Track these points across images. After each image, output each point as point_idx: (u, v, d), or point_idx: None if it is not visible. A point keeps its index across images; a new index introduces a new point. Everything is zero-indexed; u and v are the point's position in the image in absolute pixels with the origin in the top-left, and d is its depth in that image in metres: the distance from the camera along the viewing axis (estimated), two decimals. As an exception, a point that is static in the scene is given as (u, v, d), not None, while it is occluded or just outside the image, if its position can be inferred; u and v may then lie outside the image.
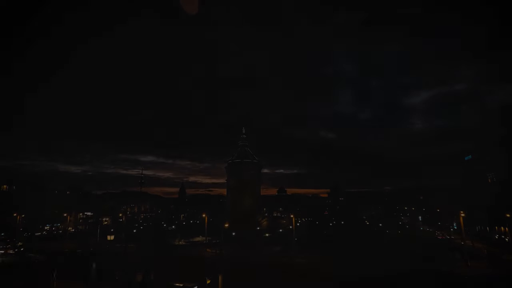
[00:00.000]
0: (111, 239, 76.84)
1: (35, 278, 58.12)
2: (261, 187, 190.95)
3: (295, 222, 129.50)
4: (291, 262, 79.93)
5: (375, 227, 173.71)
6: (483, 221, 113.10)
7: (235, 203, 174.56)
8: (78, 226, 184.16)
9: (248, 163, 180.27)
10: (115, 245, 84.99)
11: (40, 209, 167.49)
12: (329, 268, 66.69)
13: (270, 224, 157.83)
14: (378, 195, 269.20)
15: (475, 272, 65.84)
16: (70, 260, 74.46)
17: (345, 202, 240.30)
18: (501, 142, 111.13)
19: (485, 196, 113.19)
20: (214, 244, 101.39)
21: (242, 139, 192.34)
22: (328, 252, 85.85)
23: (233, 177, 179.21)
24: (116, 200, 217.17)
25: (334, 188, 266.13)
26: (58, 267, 57.43)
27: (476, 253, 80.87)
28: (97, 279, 55.13)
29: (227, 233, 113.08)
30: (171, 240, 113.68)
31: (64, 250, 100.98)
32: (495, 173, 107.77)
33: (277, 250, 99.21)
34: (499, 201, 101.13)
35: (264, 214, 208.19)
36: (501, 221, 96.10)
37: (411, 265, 70.40)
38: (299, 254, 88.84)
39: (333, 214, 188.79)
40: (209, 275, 53.81)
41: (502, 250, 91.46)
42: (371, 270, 63.11)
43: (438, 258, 77.44)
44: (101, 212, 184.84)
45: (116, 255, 44.16)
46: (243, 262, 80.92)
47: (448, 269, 68.50)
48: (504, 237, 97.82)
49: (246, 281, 60.30)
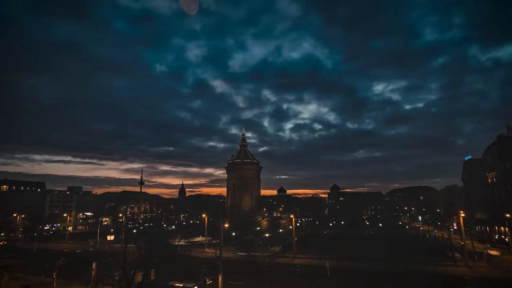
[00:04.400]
0: (111, 239, 76.95)
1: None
2: (260, 187, 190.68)
3: (295, 222, 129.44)
4: (291, 262, 79.99)
5: (375, 227, 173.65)
6: (483, 221, 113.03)
7: (235, 203, 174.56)
8: (77, 226, 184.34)
9: (248, 163, 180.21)
10: (115, 245, 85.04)
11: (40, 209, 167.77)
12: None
13: (270, 224, 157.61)
14: (378, 195, 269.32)
15: (475, 272, 65.83)
16: (70, 260, 74.51)
17: (345, 202, 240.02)
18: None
19: (485, 196, 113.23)
20: (214, 244, 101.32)
21: (242, 140, 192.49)
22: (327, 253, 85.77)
23: (233, 177, 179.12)
24: (116, 200, 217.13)
25: (334, 188, 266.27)
26: (58, 267, 57.48)
27: (476, 253, 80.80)
28: (97, 279, 55.09)
29: (227, 233, 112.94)
30: (171, 240, 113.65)
31: (64, 250, 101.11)
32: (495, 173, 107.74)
33: (277, 250, 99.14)
34: (499, 201, 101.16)
35: (264, 214, 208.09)
36: (501, 221, 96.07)
37: (411, 265, 70.57)
38: (299, 254, 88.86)
39: (333, 214, 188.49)
40: (209, 275, 53.77)
41: (502, 250, 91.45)
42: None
43: (438, 258, 77.41)
44: (101, 212, 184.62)
45: (116, 255, 43.99)
46: (243, 262, 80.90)
47: (448, 269, 68.54)
48: (504, 237, 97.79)
49: (246, 281, 60.30)
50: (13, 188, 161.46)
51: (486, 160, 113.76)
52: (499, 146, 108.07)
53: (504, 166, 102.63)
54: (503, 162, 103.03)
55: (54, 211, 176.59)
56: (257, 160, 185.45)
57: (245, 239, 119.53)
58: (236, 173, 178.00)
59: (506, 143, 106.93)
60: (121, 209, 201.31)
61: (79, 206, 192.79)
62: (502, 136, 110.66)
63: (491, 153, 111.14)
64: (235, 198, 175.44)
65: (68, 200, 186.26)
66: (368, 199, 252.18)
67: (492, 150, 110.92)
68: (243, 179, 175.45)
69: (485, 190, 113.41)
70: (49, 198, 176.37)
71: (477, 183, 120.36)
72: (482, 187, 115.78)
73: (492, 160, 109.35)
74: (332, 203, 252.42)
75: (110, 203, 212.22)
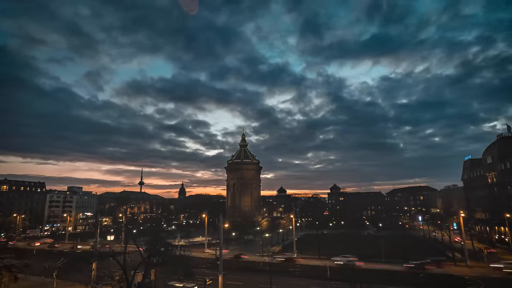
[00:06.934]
0: (111, 239, 77.00)
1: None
2: (260, 187, 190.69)
3: (295, 222, 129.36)
4: (291, 262, 79.99)
5: (375, 227, 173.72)
6: (483, 221, 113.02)
7: (235, 203, 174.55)
8: (77, 226, 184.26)
9: (248, 163, 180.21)
10: (115, 245, 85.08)
11: (40, 209, 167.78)
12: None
13: (270, 224, 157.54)
14: (378, 195, 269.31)
15: (475, 272, 65.85)
16: (70, 260, 74.46)
17: (345, 202, 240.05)
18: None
19: (485, 196, 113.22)
20: (214, 244, 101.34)
21: (242, 140, 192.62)
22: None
23: (233, 177, 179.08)
24: (116, 200, 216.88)
25: (334, 188, 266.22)
26: (58, 267, 57.54)
27: (476, 253, 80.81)
28: (97, 279, 55.08)
29: (227, 233, 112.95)
30: (171, 240, 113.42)
31: (64, 250, 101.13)
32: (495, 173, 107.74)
33: (277, 250, 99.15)
34: (499, 201, 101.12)
35: (264, 214, 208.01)
36: (501, 221, 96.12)
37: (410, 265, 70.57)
38: (299, 254, 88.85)
39: (333, 214, 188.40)
40: (209, 275, 53.81)
41: (502, 250, 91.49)
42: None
43: (438, 258, 77.39)
44: (101, 212, 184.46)
45: (116, 255, 43.99)
46: (243, 263, 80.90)
47: (448, 269, 68.56)
48: (504, 237, 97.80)
49: (246, 281, 60.31)
50: (13, 188, 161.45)
51: (486, 160, 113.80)
52: (499, 146, 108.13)
53: (504, 166, 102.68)
54: (503, 162, 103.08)
55: (54, 211, 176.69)
56: (257, 160, 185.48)
57: (245, 239, 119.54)
58: (236, 173, 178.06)
59: (506, 143, 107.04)
60: (121, 209, 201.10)
61: (79, 206, 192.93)
62: (502, 136, 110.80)
63: (491, 153, 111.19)
64: (235, 198, 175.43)
65: (68, 200, 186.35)
66: (368, 199, 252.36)
67: (492, 150, 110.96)
68: (243, 179, 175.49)
69: (485, 190, 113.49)
70: (49, 198, 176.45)
71: (477, 183, 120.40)
72: (482, 187, 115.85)
73: (492, 160, 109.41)
74: (332, 203, 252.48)
75: (110, 203, 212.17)
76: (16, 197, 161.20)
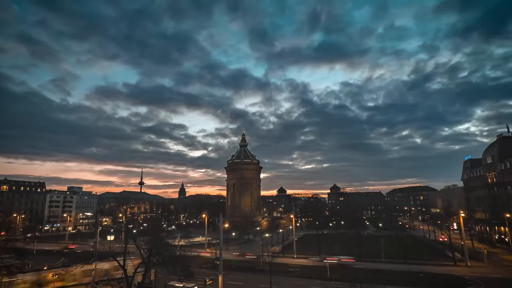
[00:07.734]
0: (111, 239, 76.84)
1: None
2: (260, 187, 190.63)
3: (295, 222, 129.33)
4: (291, 262, 79.89)
5: (375, 227, 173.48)
6: (483, 221, 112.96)
7: (235, 203, 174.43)
8: (77, 226, 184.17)
9: (248, 163, 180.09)
10: (115, 245, 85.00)
11: (40, 209, 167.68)
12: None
13: (270, 224, 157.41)
14: (378, 195, 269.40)
15: (475, 272, 65.82)
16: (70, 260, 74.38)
17: (345, 202, 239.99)
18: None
19: (485, 196, 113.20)
20: (214, 244, 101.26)
21: (242, 140, 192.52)
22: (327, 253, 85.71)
23: (233, 177, 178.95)
24: (116, 200, 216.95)
25: (334, 188, 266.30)
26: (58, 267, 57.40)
27: (476, 253, 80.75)
28: (97, 279, 54.97)
29: (227, 233, 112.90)
30: (171, 240, 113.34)
31: (64, 250, 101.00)
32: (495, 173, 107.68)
33: (277, 250, 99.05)
34: (499, 202, 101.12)
35: (264, 214, 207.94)
36: (501, 221, 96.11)
37: (411, 264, 70.53)
38: (299, 254, 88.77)
39: (333, 214, 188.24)
40: (209, 275, 53.77)
41: (502, 250, 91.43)
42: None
43: (438, 258, 77.33)
44: (101, 212, 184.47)
45: (116, 255, 43.98)
46: (243, 263, 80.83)
47: (448, 269, 68.52)
48: (504, 237, 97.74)
49: (246, 281, 60.29)
50: (13, 188, 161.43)
51: (486, 160, 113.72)
52: (499, 146, 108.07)
53: (504, 166, 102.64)
54: (503, 162, 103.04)
55: (54, 211, 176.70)
56: (257, 160, 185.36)
57: (245, 239, 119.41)
58: (236, 173, 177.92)
59: (506, 143, 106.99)
60: (121, 209, 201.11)
61: (79, 206, 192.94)
62: (502, 136, 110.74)
63: (491, 153, 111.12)
64: (235, 198, 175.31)
65: (68, 200, 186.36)
66: (368, 199, 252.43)
67: (492, 150, 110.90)
68: (243, 179, 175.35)
69: (485, 190, 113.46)
70: (49, 198, 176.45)
71: (477, 183, 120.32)
72: (482, 187, 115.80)
73: (492, 160, 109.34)
74: (332, 203, 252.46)
75: (110, 203, 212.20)
76: (16, 197, 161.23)
